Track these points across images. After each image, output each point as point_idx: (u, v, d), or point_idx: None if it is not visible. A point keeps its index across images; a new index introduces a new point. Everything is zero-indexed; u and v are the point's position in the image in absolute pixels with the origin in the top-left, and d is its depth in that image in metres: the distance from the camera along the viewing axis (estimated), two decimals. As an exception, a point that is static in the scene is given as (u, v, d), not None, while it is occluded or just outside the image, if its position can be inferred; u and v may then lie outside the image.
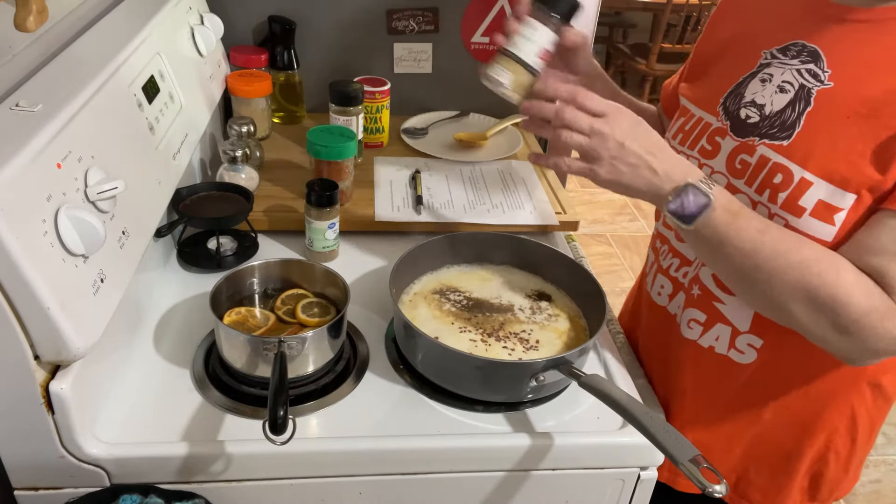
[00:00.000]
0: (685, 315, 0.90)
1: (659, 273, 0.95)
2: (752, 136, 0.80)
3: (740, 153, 0.80)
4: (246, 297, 0.92)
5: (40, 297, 0.62)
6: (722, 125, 0.83)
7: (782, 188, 0.75)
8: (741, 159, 0.80)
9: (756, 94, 0.81)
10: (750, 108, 0.81)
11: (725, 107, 0.84)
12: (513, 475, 0.83)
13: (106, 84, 0.82)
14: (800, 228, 0.74)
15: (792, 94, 0.77)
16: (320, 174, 1.15)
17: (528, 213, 1.19)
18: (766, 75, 0.81)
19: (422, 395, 0.86)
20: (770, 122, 0.78)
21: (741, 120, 0.81)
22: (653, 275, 0.97)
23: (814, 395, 0.85)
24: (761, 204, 0.77)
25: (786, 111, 0.77)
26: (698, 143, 0.86)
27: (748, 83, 0.82)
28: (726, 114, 0.83)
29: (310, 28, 1.43)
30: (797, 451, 0.89)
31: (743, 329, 0.84)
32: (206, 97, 1.20)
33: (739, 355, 0.86)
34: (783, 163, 0.76)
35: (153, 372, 0.85)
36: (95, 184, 0.72)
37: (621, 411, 0.74)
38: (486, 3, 1.45)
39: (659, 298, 0.95)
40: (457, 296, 0.97)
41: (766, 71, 0.81)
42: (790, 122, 0.77)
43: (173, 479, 0.76)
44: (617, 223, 3.50)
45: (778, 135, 0.77)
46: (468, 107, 1.55)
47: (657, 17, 4.39)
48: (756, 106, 0.80)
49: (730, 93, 0.84)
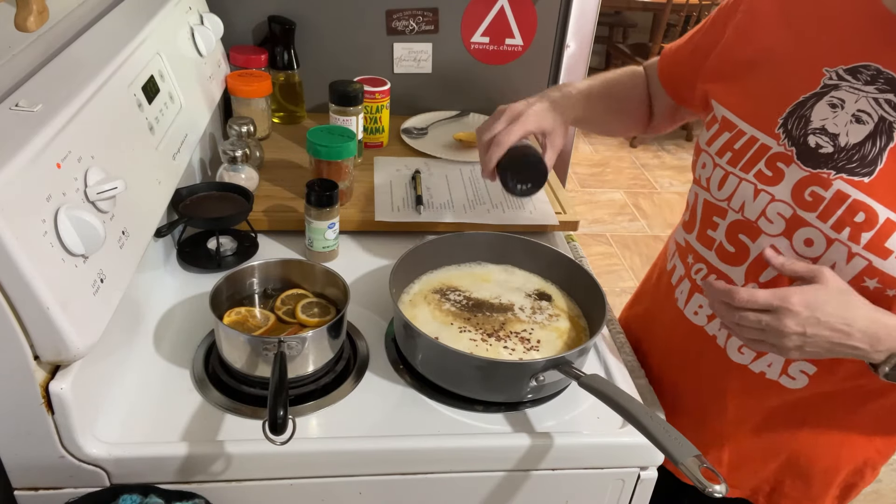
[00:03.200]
0: (734, 340, 0.86)
1: (696, 292, 0.90)
2: (825, 167, 0.74)
3: (811, 185, 0.75)
4: (246, 297, 0.92)
5: (40, 297, 0.62)
6: (785, 151, 0.77)
7: (865, 228, 0.71)
8: (812, 192, 0.75)
9: (826, 122, 0.75)
10: (820, 137, 0.75)
11: (787, 130, 0.78)
12: (513, 475, 0.83)
13: (106, 84, 0.82)
14: (885, 270, 0.71)
15: (871, 126, 0.73)
16: (320, 174, 1.15)
17: (528, 213, 1.19)
18: (836, 100, 0.75)
19: (422, 395, 0.86)
20: (847, 155, 0.73)
21: (810, 148, 0.76)
22: (686, 291, 0.92)
23: (860, 418, 0.84)
24: (839, 242, 0.73)
25: (865, 145, 0.73)
26: (754, 166, 0.80)
27: (813, 106, 0.76)
28: (789, 138, 0.77)
29: (310, 28, 1.43)
30: (835, 465, 0.88)
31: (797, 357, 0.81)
32: (206, 97, 1.20)
33: (790, 381, 0.83)
34: (865, 201, 0.72)
35: (153, 372, 0.85)
36: (95, 184, 0.72)
37: (621, 411, 0.74)
38: (486, 3, 1.45)
39: (696, 318, 0.90)
40: (457, 295, 0.97)
41: (835, 95, 0.75)
42: (871, 157, 0.72)
43: (173, 479, 0.76)
44: (617, 223, 3.51)
45: (857, 170, 0.73)
46: (468, 107, 1.55)
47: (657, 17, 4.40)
48: (828, 135, 0.75)
49: (790, 113, 0.78)
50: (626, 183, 3.85)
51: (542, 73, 1.54)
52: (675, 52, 0.99)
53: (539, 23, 1.48)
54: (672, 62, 0.99)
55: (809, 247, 0.75)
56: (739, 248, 0.82)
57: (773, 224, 0.78)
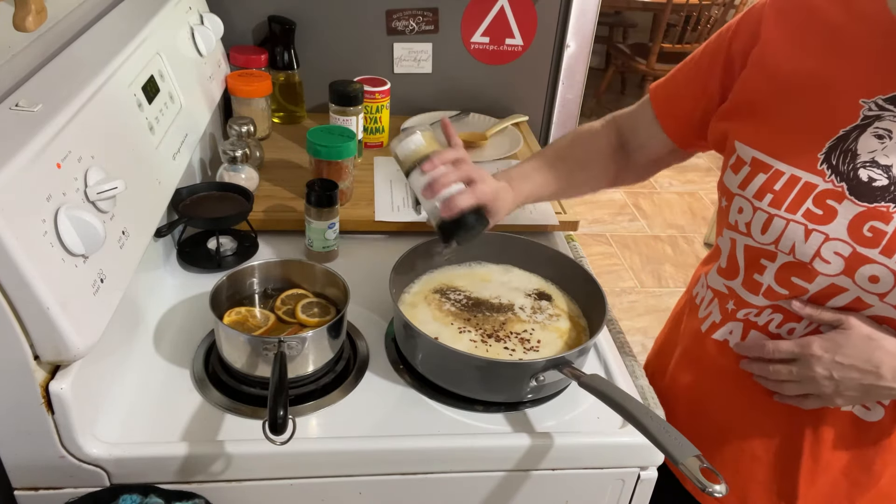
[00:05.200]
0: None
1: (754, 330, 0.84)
2: (882, 201, 0.72)
3: (869, 220, 0.72)
4: (246, 297, 0.92)
5: (40, 297, 0.62)
6: (834, 187, 0.74)
7: None
8: (871, 227, 0.72)
9: (876, 153, 0.72)
10: (872, 169, 0.72)
11: (832, 165, 0.74)
12: (513, 475, 0.83)
13: (106, 84, 0.82)
14: None
15: None
16: (320, 174, 1.15)
17: (528, 213, 1.19)
18: (883, 131, 0.72)
19: (422, 395, 0.86)
20: None
21: (863, 182, 0.72)
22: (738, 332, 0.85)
23: None
24: None
25: None
26: (801, 205, 0.75)
27: (857, 138, 0.73)
28: (836, 174, 0.74)
29: (310, 28, 1.43)
30: None
31: None
32: (206, 97, 1.20)
33: (866, 412, 0.79)
34: None
35: (153, 372, 0.85)
36: (95, 184, 0.72)
37: (621, 411, 0.74)
38: (486, 3, 1.45)
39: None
40: (457, 295, 0.97)
41: (880, 125, 0.72)
42: None
43: (173, 479, 0.76)
44: (617, 223, 3.51)
45: None
46: (468, 107, 1.55)
47: (657, 17, 4.39)
48: (880, 167, 0.72)
49: (832, 148, 0.74)
50: (626, 183, 3.85)
51: (542, 73, 1.54)
52: (671, 93, 0.93)
53: (539, 23, 1.48)
54: (671, 104, 0.93)
55: (875, 283, 0.72)
56: (794, 291, 0.78)
57: (830, 265, 0.74)
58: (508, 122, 1.49)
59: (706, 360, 0.90)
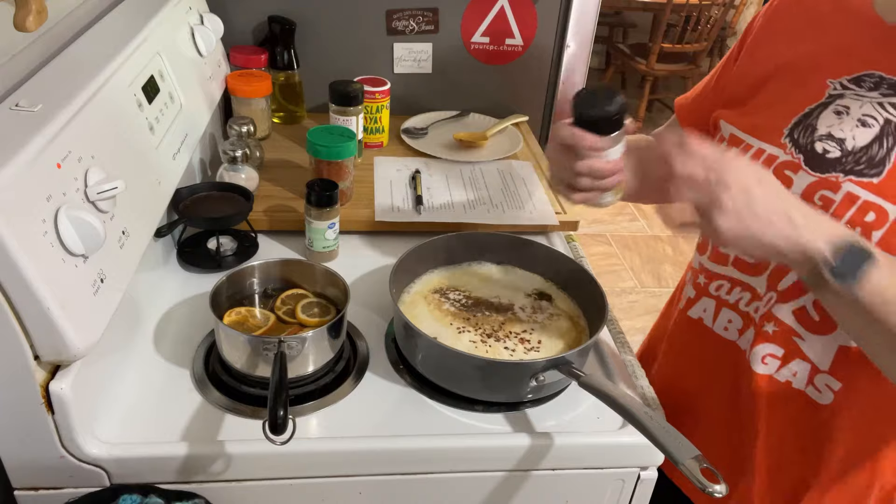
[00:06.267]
0: (758, 349, 0.85)
1: (725, 307, 0.89)
2: (833, 171, 0.76)
3: (820, 189, 0.76)
4: (246, 297, 0.92)
5: (40, 297, 0.62)
6: (793, 158, 0.78)
7: (876, 226, 0.72)
8: (822, 195, 0.76)
9: (832, 127, 0.76)
10: (827, 142, 0.76)
11: (794, 139, 0.79)
12: (513, 475, 0.83)
13: (106, 84, 0.82)
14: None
15: (877, 128, 0.74)
16: (320, 174, 1.15)
17: (528, 213, 1.19)
18: (841, 107, 0.76)
19: (422, 395, 0.86)
20: (855, 157, 0.75)
21: (818, 154, 0.77)
22: (711, 309, 0.91)
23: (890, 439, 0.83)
24: None
25: (872, 147, 0.74)
26: None
27: (818, 115, 0.78)
28: (796, 146, 0.79)
29: (310, 28, 1.43)
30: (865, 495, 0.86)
31: (823, 368, 0.81)
32: (206, 97, 1.20)
33: (817, 394, 0.82)
34: (875, 201, 0.73)
35: (153, 372, 0.85)
36: (95, 184, 0.72)
37: (621, 411, 0.74)
38: (486, 3, 1.45)
39: (726, 333, 0.89)
40: (457, 295, 0.97)
41: (840, 103, 0.77)
42: (879, 158, 0.73)
43: (173, 479, 0.76)
44: (617, 223, 3.51)
45: (866, 171, 0.74)
46: (468, 107, 1.55)
47: (657, 17, 4.40)
48: (835, 140, 0.76)
49: (796, 123, 0.79)
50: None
51: (542, 73, 1.54)
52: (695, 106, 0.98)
53: (539, 23, 1.48)
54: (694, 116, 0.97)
55: None
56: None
57: None
58: (508, 122, 1.49)
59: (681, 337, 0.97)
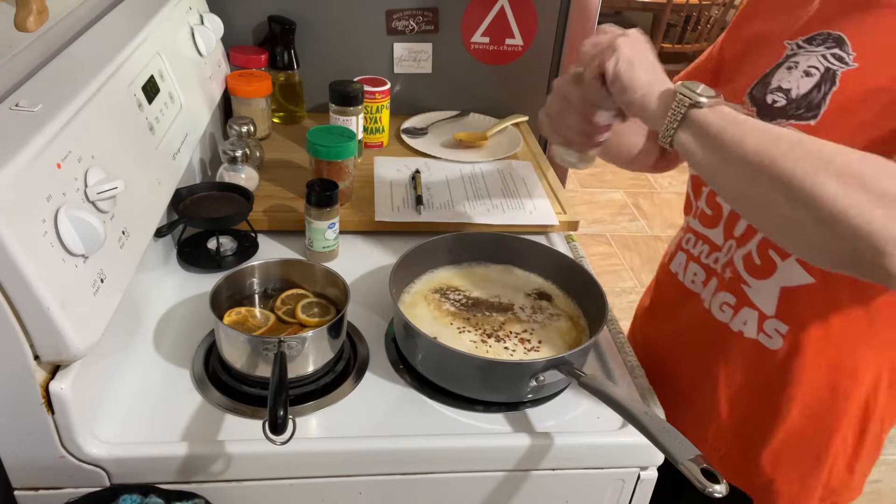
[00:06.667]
0: (716, 299, 0.90)
1: (691, 261, 0.95)
2: (779, 118, 0.81)
3: None
4: (246, 297, 0.92)
5: (40, 297, 0.62)
6: (748, 112, 0.84)
7: None
8: None
9: (782, 80, 0.82)
10: (776, 94, 0.82)
11: (752, 95, 0.85)
12: (513, 475, 0.83)
13: (106, 84, 0.82)
14: None
15: (818, 76, 0.79)
16: (320, 174, 1.15)
17: (528, 213, 1.19)
18: (793, 63, 0.82)
19: (422, 395, 0.86)
20: (797, 104, 0.80)
21: (768, 105, 0.83)
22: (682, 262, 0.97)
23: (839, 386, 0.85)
24: None
25: (812, 93, 0.79)
26: None
27: (775, 72, 0.84)
28: (753, 101, 0.85)
29: (310, 28, 1.43)
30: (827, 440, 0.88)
31: (769, 313, 0.85)
32: (206, 97, 1.20)
33: (767, 339, 0.86)
34: None
35: (153, 372, 0.85)
36: (95, 184, 0.72)
37: (621, 411, 0.74)
38: (486, 3, 1.45)
39: (693, 286, 0.95)
40: (457, 295, 0.97)
41: (793, 59, 0.82)
42: (816, 102, 0.78)
43: (173, 479, 0.76)
44: (617, 223, 3.51)
45: (805, 115, 0.79)
46: (468, 107, 1.55)
47: (657, 17, 4.39)
48: (782, 91, 0.82)
49: (757, 83, 0.85)
50: (625, 183, 3.84)
51: (542, 73, 1.54)
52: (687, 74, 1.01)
53: (539, 23, 1.48)
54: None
55: None
56: (715, 210, 0.89)
57: None
58: (508, 122, 1.49)
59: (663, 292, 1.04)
